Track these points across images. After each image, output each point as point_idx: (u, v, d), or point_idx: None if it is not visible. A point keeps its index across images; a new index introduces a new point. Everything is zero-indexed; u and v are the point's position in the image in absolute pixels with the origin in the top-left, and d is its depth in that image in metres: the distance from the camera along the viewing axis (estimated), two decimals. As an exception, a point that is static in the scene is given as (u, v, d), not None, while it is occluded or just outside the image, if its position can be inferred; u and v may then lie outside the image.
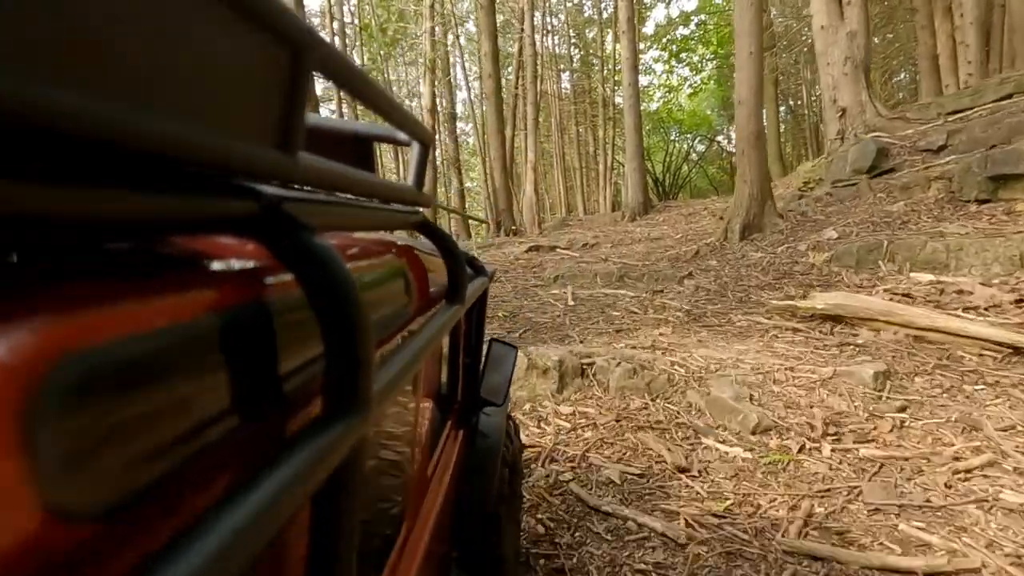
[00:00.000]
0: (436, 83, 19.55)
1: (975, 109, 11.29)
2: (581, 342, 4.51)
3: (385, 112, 0.54)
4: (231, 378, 0.33)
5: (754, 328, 4.70)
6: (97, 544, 0.23)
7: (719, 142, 33.45)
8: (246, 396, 0.34)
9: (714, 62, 27.82)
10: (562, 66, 27.79)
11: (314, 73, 0.36)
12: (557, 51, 27.57)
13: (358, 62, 22.29)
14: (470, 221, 20.81)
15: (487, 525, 1.52)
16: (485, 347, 1.74)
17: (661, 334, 4.57)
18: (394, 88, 25.29)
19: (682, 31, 26.80)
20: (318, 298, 0.34)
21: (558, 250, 11.71)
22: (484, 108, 15.79)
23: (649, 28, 28.04)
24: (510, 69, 23.56)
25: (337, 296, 0.34)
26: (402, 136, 0.73)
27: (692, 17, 26.27)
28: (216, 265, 0.37)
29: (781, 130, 25.83)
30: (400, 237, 0.96)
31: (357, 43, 22.49)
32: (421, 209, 0.79)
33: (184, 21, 0.24)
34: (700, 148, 31.57)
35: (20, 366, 0.20)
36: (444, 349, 1.28)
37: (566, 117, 27.82)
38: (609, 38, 26.00)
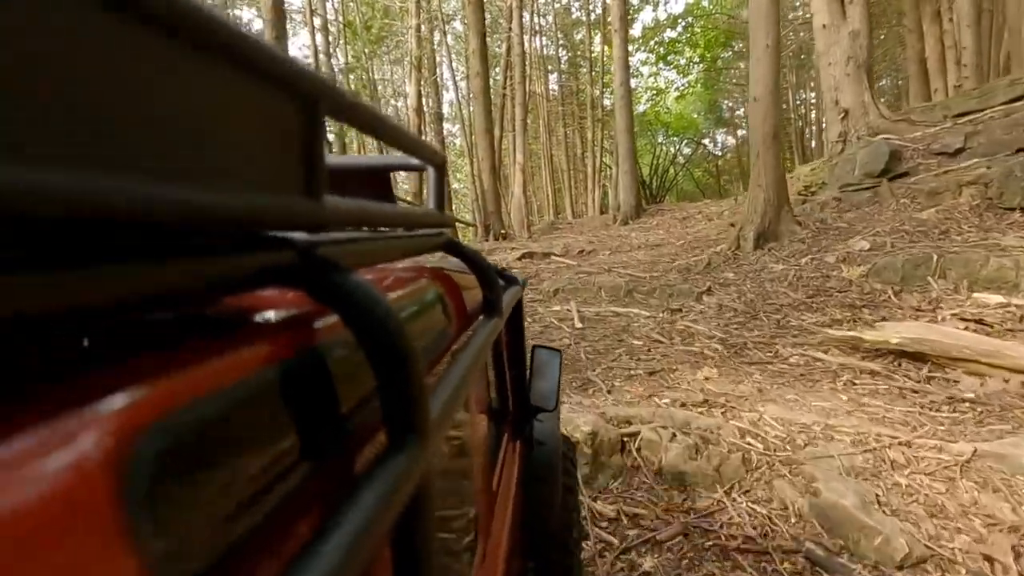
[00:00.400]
0: (422, 82, 18.57)
1: (986, 111, 10.55)
2: (609, 392, 3.47)
3: (398, 142, 0.52)
4: (297, 426, 0.33)
5: (815, 367, 3.70)
6: None
7: (705, 145, 32.94)
8: (314, 441, 0.34)
9: (701, 65, 27.06)
10: (550, 67, 26.90)
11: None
12: (545, 52, 26.69)
13: (341, 61, 21.12)
14: (457, 224, 19.74)
15: (555, 530, 1.47)
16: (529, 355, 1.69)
17: (707, 378, 3.55)
18: (379, 88, 24.12)
19: (669, 34, 25.99)
20: (364, 335, 0.34)
21: (553, 257, 10.68)
22: (472, 108, 14.69)
23: (636, 30, 27.14)
24: (498, 70, 22.75)
25: (382, 331, 0.33)
26: (415, 162, 0.72)
27: (679, 20, 25.39)
28: (267, 317, 0.37)
29: (769, 133, 25.11)
30: (428, 260, 0.96)
31: (340, 41, 21.29)
32: (446, 230, 0.78)
33: (204, 89, 0.24)
34: (686, 151, 30.98)
35: (112, 443, 0.21)
36: (490, 363, 1.19)
37: (554, 118, 26.91)
38: (597, 39, 25.15)
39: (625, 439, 2.64)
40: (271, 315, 0.38)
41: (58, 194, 0.17)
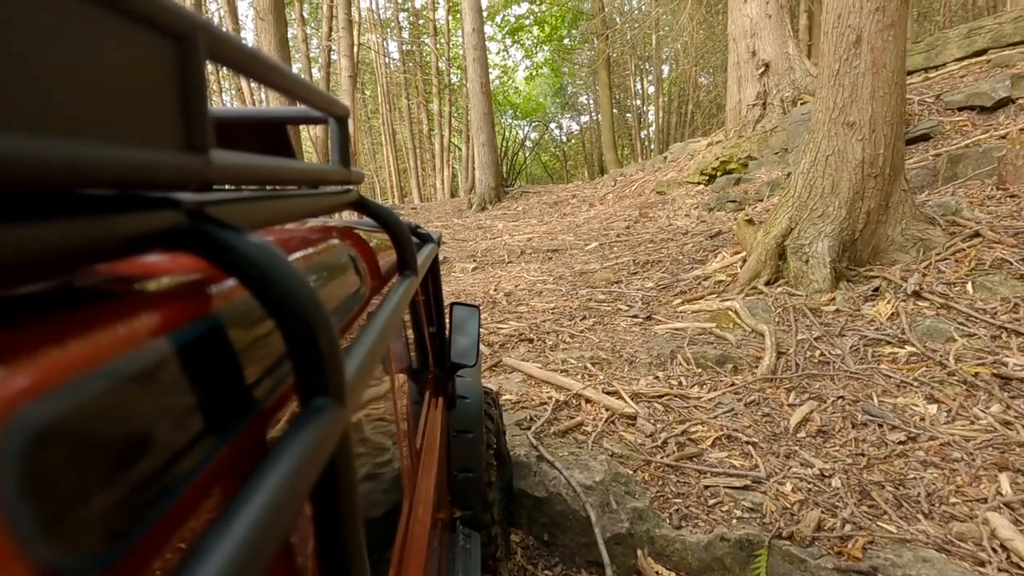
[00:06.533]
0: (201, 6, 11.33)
1: (965, 61, 6.82)
2: None
3: (292, 91, 0.41)
4: (200, 398, 0.27)
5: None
6: None
7: (552, 130, 28.77)
8: (221, 413, 0.29)
9: (547, 47, 22.32)
10: (390, 29, 20.42)
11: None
12: (384, 15, 20.17)
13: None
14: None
15: (481, 480, 1.41)
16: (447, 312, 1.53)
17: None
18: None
19: (516, 10, 20.82)
20: (269, 299, 0.28)
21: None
22: (257, 36, 8.11)
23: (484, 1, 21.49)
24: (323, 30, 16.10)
25: (288, 293, 0.27)
26: (316, 114, 0.58)
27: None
28: (155, 286, 0.30)
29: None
30: (337, 219, 0.83)
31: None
32: (353, 187, 0.64)
33: (50, 28, 0.18)
34: (533, 136, 26.58)
35: None
36: (407, 322, 1.04)
37: (395, 89, 20.54)
38: (441, 10, 19.22)
39: None
40: (160, 282, 0.30)
41: None
